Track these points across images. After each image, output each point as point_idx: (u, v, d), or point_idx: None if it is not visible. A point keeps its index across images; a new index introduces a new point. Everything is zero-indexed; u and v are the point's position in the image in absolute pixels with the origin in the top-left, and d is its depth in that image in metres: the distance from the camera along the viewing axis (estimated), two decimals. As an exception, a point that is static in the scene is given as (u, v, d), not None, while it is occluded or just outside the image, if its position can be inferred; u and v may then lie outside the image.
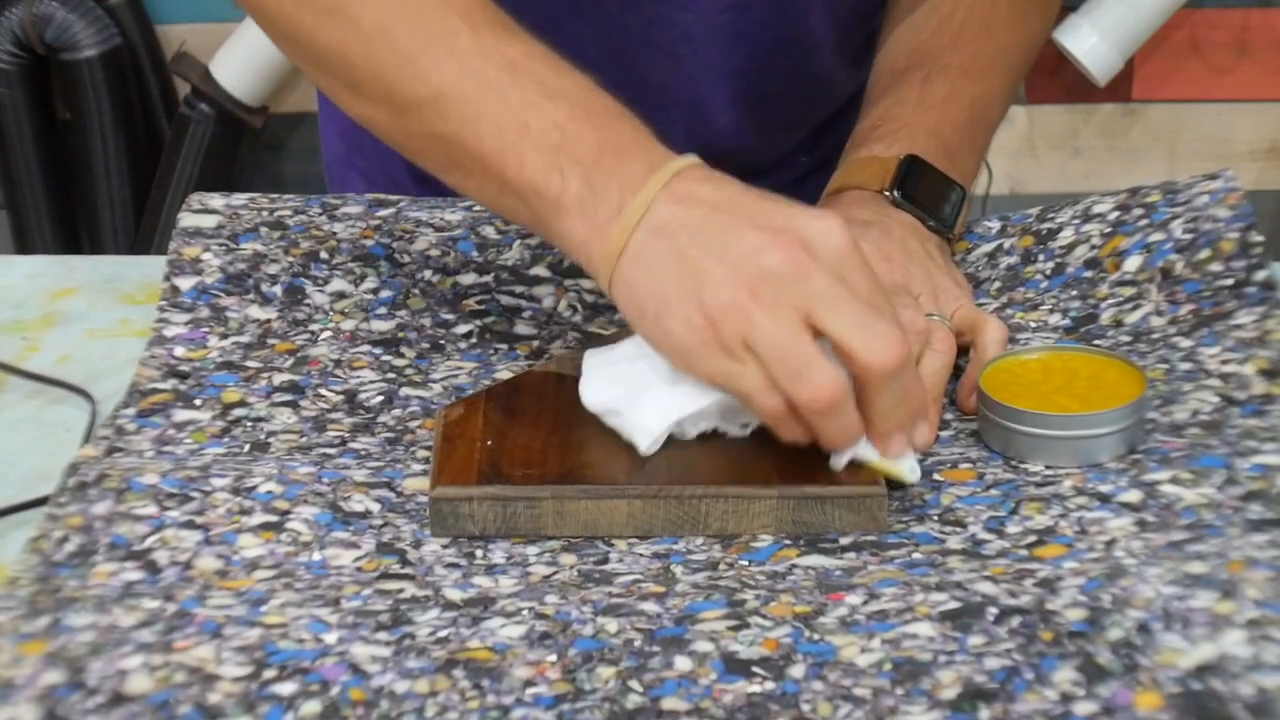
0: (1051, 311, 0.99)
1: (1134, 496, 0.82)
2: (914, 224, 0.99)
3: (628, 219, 0.81)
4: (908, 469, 0.83)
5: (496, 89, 0.85)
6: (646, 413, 0.83)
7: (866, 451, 0.82)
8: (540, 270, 1.02)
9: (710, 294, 0.78)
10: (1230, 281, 0.96)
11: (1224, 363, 0.91)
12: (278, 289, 1.00)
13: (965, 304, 0.95)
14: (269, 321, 0.98)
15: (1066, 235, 1.03)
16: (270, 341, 0.97)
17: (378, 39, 0.87)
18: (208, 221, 1.04)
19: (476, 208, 1.07)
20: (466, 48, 0.86)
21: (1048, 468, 0.85)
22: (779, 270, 0.78)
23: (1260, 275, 0.95)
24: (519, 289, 1.01)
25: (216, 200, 1.06)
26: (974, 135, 1.05)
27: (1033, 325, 0.99)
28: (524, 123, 0.84)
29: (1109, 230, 1.02)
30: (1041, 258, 1.03)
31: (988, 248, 1.05)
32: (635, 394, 0.84)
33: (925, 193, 0.99)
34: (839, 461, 0.82)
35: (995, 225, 1.07)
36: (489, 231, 1.04)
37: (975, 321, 0.94)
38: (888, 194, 0.99)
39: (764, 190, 0.83)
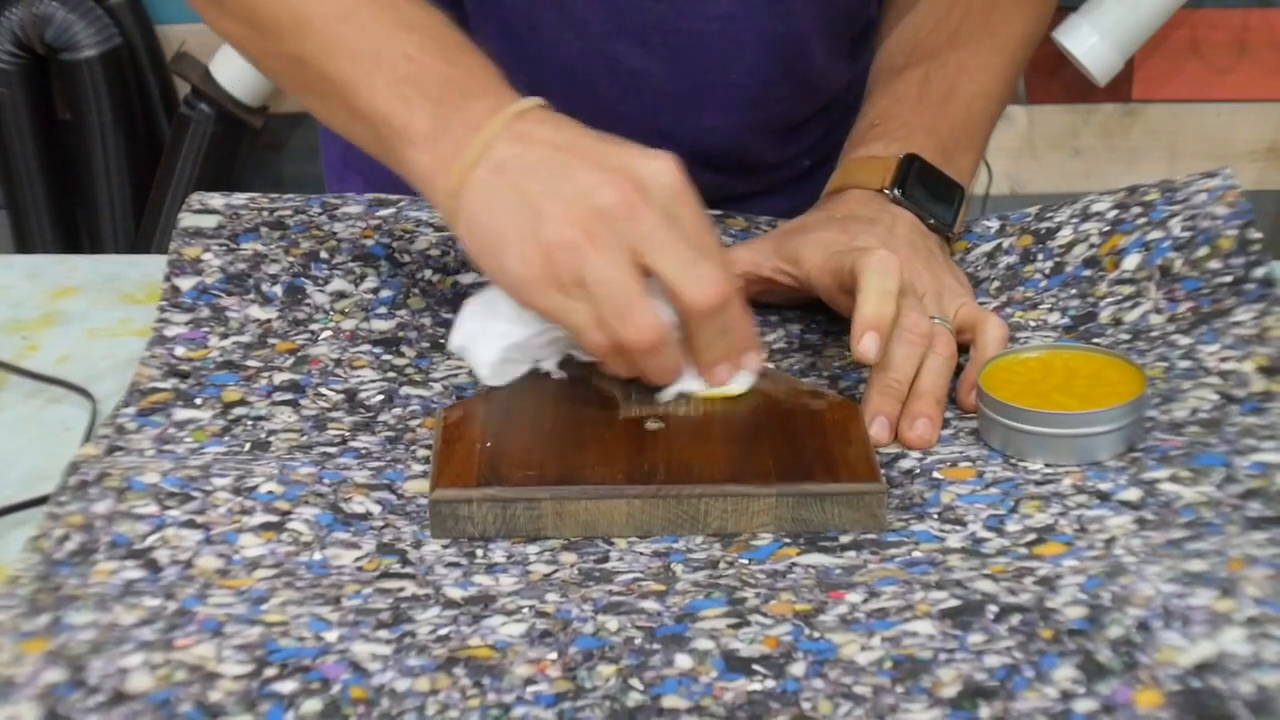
0: (1050, 310, 0.99)
1: (1133, 494, 0.82)
2: (915, 222, 0.99)
3: (469, 157, 0.83)
4: (734, 387, 0.87)
5: (354, 17, 0.88)
6: (486, 346, 0.87)
7: (692, 384, 0.86)
8: (540, 269, 1.02)
9: (546, 232, 0.81)
10: (1229, 278, 0.96)
11: (1223, 360, 0.91)
12: (278, 289, 1.00)
13: (967, 303, 0.96)
14: (269, 321, 0.98)
15: (1065, 234, 1.03)
16: (271, 341, 0.97)
17: None
18: (208, 222, 1.04)
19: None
20: None
21: (1047, 466, 0.85)
22: (612, 209, 0.80)
23: (1259, 272, 0.95)
24: (519, 288, 1.01)
25: (216, 200, 1.07)
26: (972, 133, 1.05)
27: (1032, 324, 0.99)
28: (376, 52, 0.87)
29: (1107, 229, 1.02)
30: (1040, 257, 1.03)
31: (986, 247, 1.05)
32: (481, 332, 0.87)
33: (925, 192, 1.00)
34: (665, 394, 0.86)
35: (994, 225, 1.07)
36: (489, 231, 1.04)
37: (976, 320, 0.94)
38: (888, 192, 0.99)
39: (603, 133, 0.85)
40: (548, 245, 0.81)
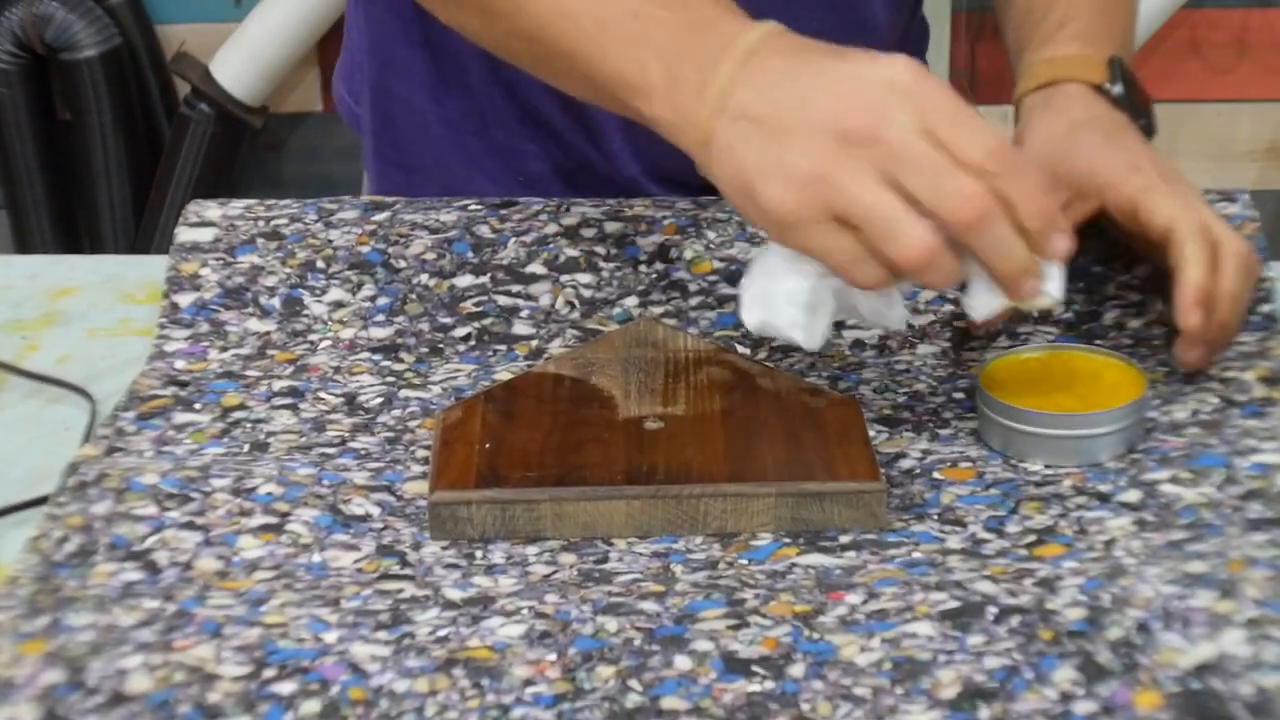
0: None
1: (1133, 496, 0.82)
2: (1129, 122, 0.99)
3: (709, 106, 0.81)
4: (1046, 300, 0.81)
5: None
6: (785, 309, 0.83)
7: (997, 300, 0.81)
8: (537, 268, 1.02)
9: (793, 167, 0.78)
10: None
11: (1224, 369, 0.91)
12: (276, 301, 1.00)
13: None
14: (268, 334, 0.98)
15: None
16: (270, 353, 0.97)
17: None
18: (204, 235, 1.04)
19: (471, 207, 1.07)
20: None
21: (1047, 467, 0.85)
22: (855, 134, 0.78)
23: (1265, 308, 0.96)
24: (516, 288, 1.01)
25: (213, 210, 1.06)
26: (1132, 39, 1.05)
27: (1034, 315, 0.98)
28: (601, 15, 0.85)
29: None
30: None
31: None
32: (769, 298, 0.84)
33: (1136, 93, 0.99)
34: (976, 313, 0.82)
35: None
36: (484, 231, 1.04)
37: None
38: (1109, 88, 0.98)
39: (837, 47, 0.83)
40: (795, 180, 0.78)
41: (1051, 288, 0.81)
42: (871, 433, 0.87)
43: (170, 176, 2.51)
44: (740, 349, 0.97)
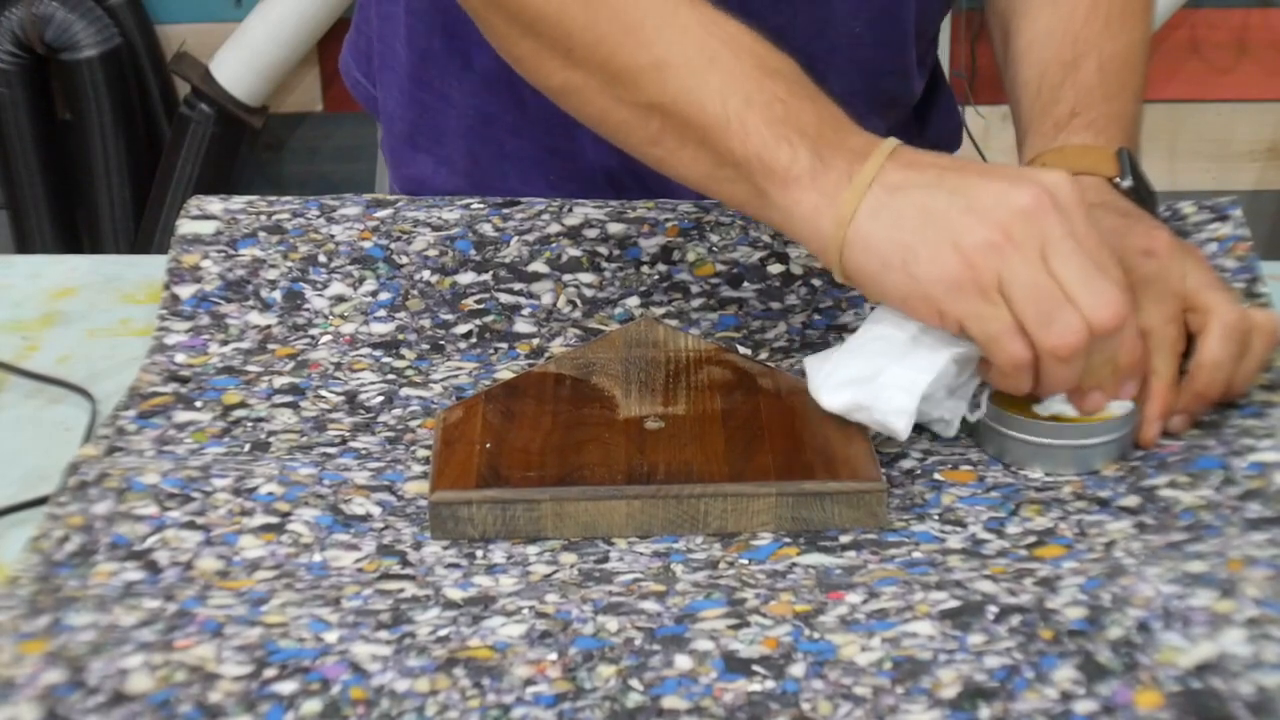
0: None
1: (1133, 501, 0.82)
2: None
3: (859, 183, 0.82)
4: (1116, 407, 0.85)
5: (719, 61, 0.85)
6: (892, 394, 0.84)
7: (1063, 405, 0.85)
8: (539, 266, 1.02)
9: (964, 236, 0.79)
10: None
11: None
12: (277, 294, 1.00)
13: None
14: (269, 327, 0.98)
15: None
16: (271, 347, 0.97)
17: (600, 5, 0.87)
18: (206, 228, 1.04)
19: (474, 206, 1.07)
20: (688, 20, 0.86)
21: (1045, 474, 0.85)
22: (1029, 211, 0.79)
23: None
24: (518, 286, 1.01)
25: (215, 205, 1.07)
26: (1138, 128, 1.05)
27: None
28: (748, 95, 0.85)
29: None
30: None
31: None
32: (873, 381, 0.84)
33: (1142, 185, 1.00)
34: (1045, 409, 0.84)
35: None
36: (487, 229, 1.04)
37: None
38: (1118, 182, 0.98)
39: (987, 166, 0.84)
40: (968, 248, 0.79)
41: (1117, 406, 0.85)
42: (872, 432, 0.87)
43: (170, 176, 2.51)
44: (741, 349, 0.97)
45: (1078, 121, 1.02)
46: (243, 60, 2.47)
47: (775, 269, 1.02)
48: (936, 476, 0.85)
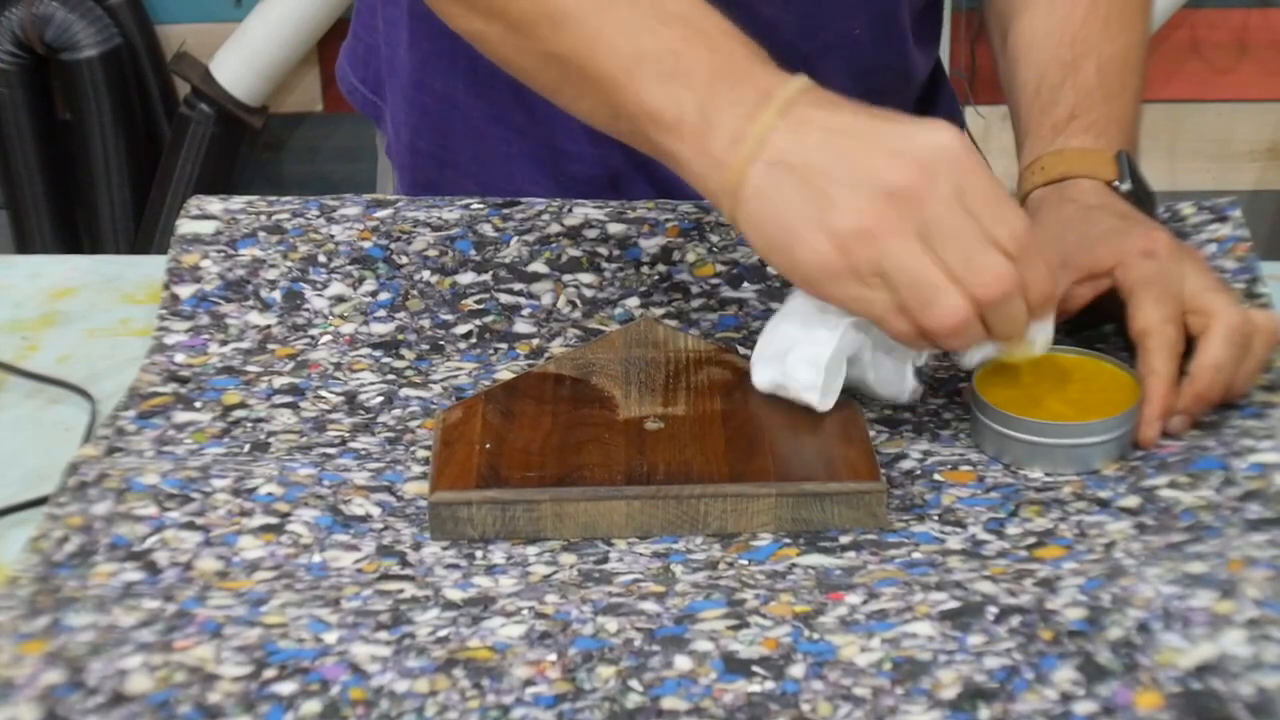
0: None
1: (1132, 501, 0.82)
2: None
3: (745, 152, 0.81)
4: (1034, 351, 0.85)
5: (613, 11, 0.85)
6: (800, 370, 0.85)
7: (989, 349, 0.85)
8: (539, 267, 1.02)
9: (837, 220, 0.79)
10: None
11: None
12: (277, 294, 1.00)
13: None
14: (269, 327, 0.98)
15: None
16: (270, 347, 0.97)
17: None
18: (206, 228, 1.04)
19: (474, 206, 1.07)
20: None
21: (1045, 474, 0.85)
22: (901, 193, 0.79)
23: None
24: (517, 286, 1.01)
25: (214, 205, 1.07)
26: (1138, 128, 1.05)
27: None
28: (640, 48, 0.84)
29: None
30: None
31: None
32: (785, 359, 0.85)
33: (1141, 187, 0.99)
34: (967, 360, 0.85)
35: None
36: (487, 229, 1.04)
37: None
38: (1118, 185, 0.98)
39: (874, 108, 0.83)
40: (840, 234, 0.79)
41: (1040, 342, 0.85)
42: (871, 433, 0.87)
43: (170, 176, 2.51)
44: (741, 350, 0.97)
45: (1076, 124, 1.02)
46: (243, 60, 2.47)
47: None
48: (936, 477, 0.85)
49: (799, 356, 0.85)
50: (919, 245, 0.79)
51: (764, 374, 0.87)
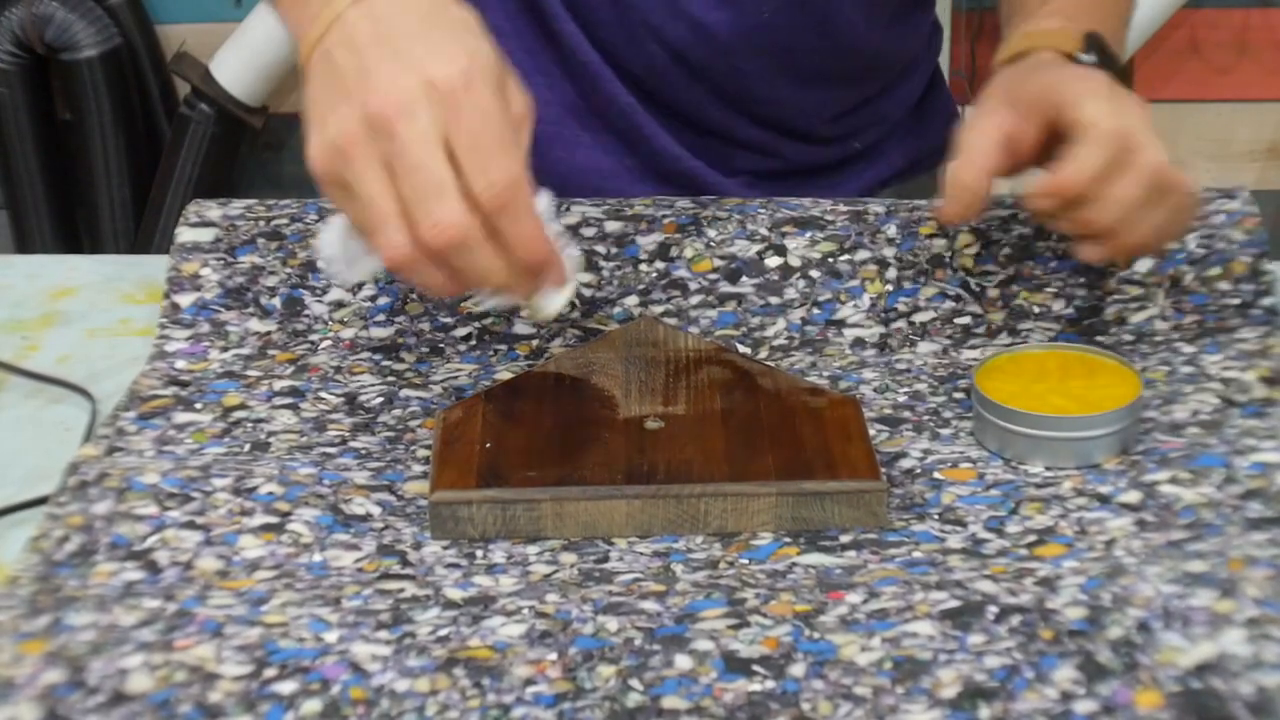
0: (1056, 297, 0.99)
1: (1133, 497, 0.82)
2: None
3: (315, 31, 0.83)
4: (550, 302, 0.84)
5: None
6: (327, 245, 0.86)
7: (497, 299, 0.86)
8: (540, 269, 1.02)
9: (326, 132, 0.79)
10: (1236, 301, 0.96)
11: (1225, 369, 0.91)
12: (277, 301, 1.00)
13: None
14: (269, 334, 0.99)
15: None
16: (271, 353, 0.97)
17: None
18: (205, 236, 1.04)
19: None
20: None
21: (1047, 469, 0.85)
22: (377, 121, 0.78)
23: (1266, 301, 0.96)
24: (519, 288, 1.01)
25: (214, 210, 1.07)
26: (1121, 32, 1.05)
27: (1035, 310, 0.98)
28: None
29: None
30: (1055, 235, 1.03)
31: (1002, 212, 1.05)
32: (323, 237, 0.86)
33: (1111, 65, 0.99)
34: (481, 303, 0.85)
35: (1009, 199, 1.07)
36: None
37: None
38: (1082, 57, 0.98)
39: (455, 14, 0.83)
40: (326, 143, 0.79)
41: (549, 306, 0.83)
42: (871, 432, 0.87)
43: (170, 176, 2.51)
44: (740, 348, 0.97)
45: (1048, 8, 1.03)
46: (243, 60, 2.47)
47: (773, 261, 1.02)
48: (936, 475, 0.85)
49: (330, 231, 0.86)
50: (383, 173, 0.78)
51: (322, 251, 0.87)
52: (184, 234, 1.05)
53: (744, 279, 1.01)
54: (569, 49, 1.12)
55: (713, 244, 1.03)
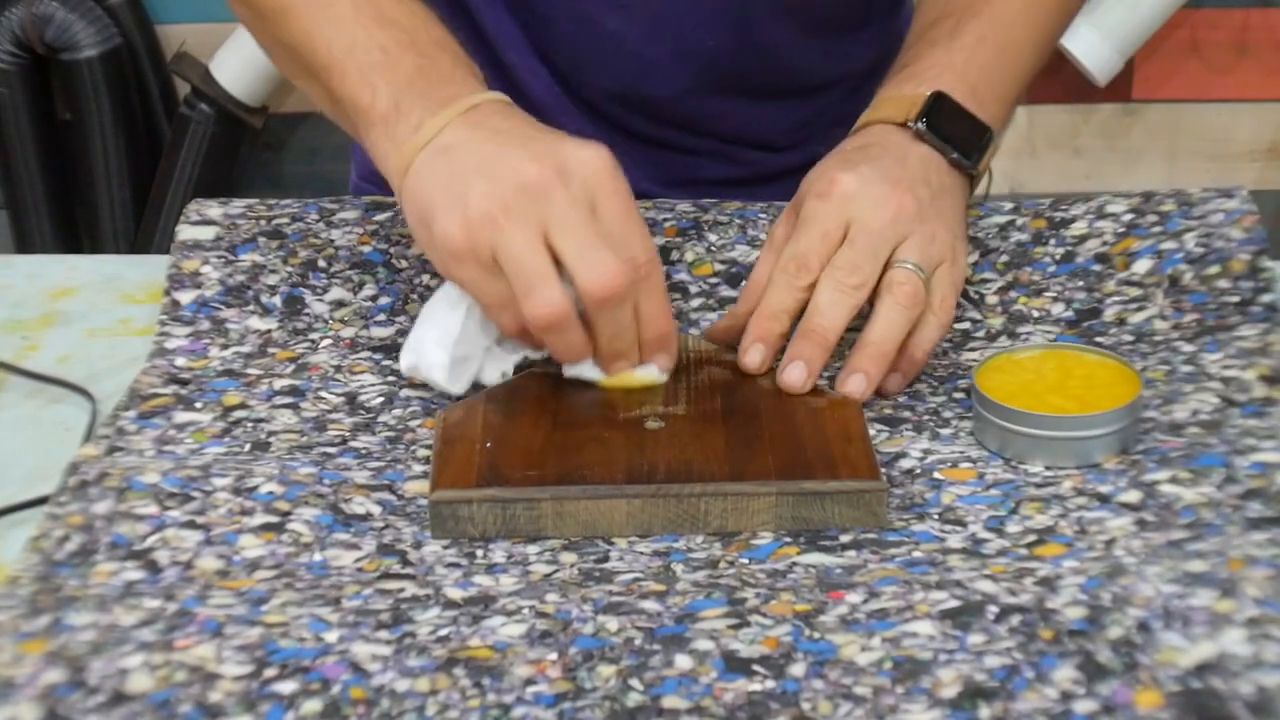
0: (1055, 300, 0.99)
1: (1133, 496, 0.82)
2: (935, 158, 0.97)
3: (421, 138, 0.87)
4: (641, 375, 0.89)
5: (335, 8, 0.94)
6: (430, 351, 0.88)
7: (593, 371, 0.88)
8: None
9: (470, 204, 0.84)
10: (1236, 299, 0.96)
11: (1225, 368, 0.91)
12: (277, 299, 1.00)
13: (944, 265, 0.93)
14: (269, 332, 0.99)
15: (1079, 227, 1.03)
16: (271, 351, 0.97)
17: None
18: (206, 234, 1.04)
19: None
20: None
21: (1047, 468, 0.85)
22: (532, 187, 0.83)
23: (1266, 298, 0.96)
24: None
25: (214, 209, 1.07)
26: (1003, 79, 1.04)
27: (1035, 315, 0.99)
28: (353, 41, 0.92)
29: (1122, 230, 1.02)
30: (1052, 241, 1.03)
31: (1000, 219, 1.05)
32: (422, 343, 0.89)
33: (949, 128, 0.99)
34: (568, 371, 0.88)
35: (1008, 205, 1.07)
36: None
37: (930, 297, 0.92)
38: (911, 125, 0.98)
39: (555, 130, 0.88)
40: (469, 217, 0.83)
41: (641, 374, 0.89)
42: (871, 432, 0.87)
43: (170, 176, 2.51)
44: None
45: (905, 74, 1.02)
46: (243, 60, 2.47)
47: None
48: (936, 475, 0.85)
49: (432, 338, 0.88)
50: (537, 237, 0.83)
51: (406, 358, 0.90)
52: (185, 231, 1.05)
53: (744, 283, 1.01)
54: (516, 77, 1.13)
55: (714, 248, 1.03)
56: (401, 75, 0.90)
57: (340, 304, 1.01)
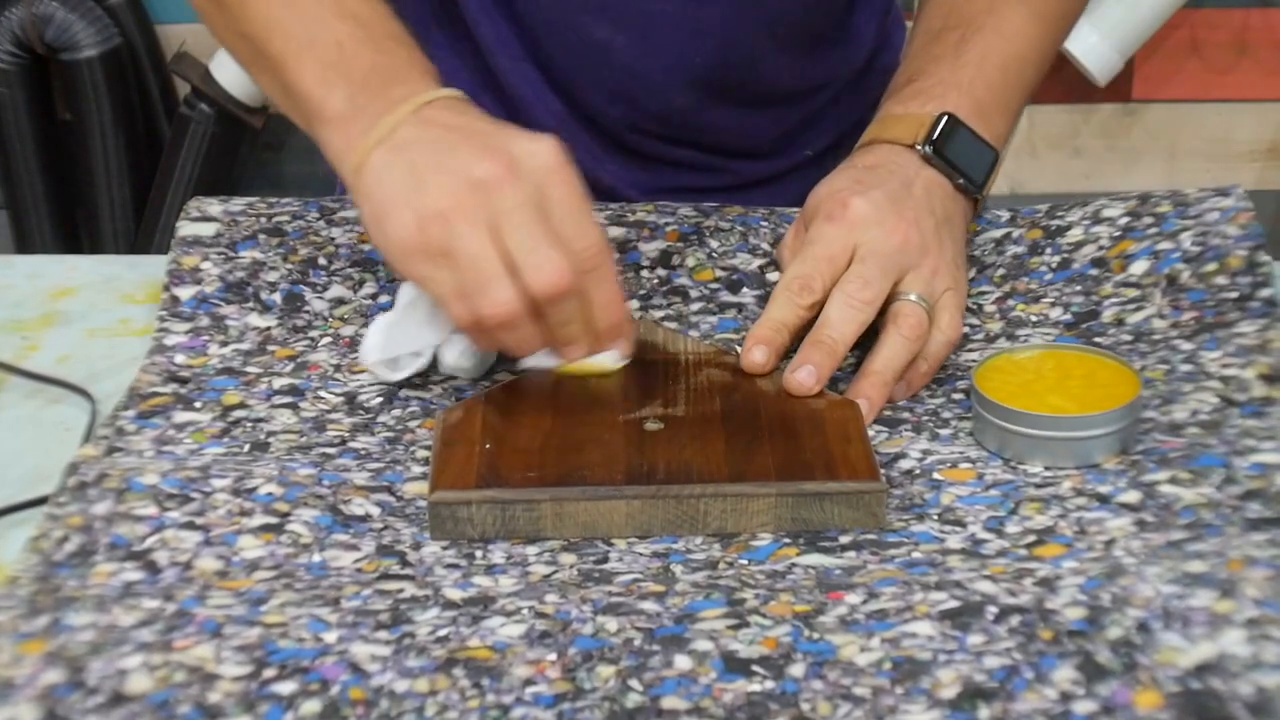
0: (1053, 305, 0.99)
1: (1133, 497, 0.82)
2: (940, 182, 0.98)
3: (375, 136, 0.87)
4: (597, 362, 0.89)
5: (296, 2, 0.93)
6: (369, 336, 0.91)
7: (548, 359, 0.89)
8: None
9: (422, 200, 0.84)
10: (1234, 295, 0.96)
11: (1224, 366, 0.91)
12: (277, 296, 1.00)
13: (948, 295, 0.95)
14: (269, 329, 0.99)
15: (1075, 234, 1.03)
16: (270, 348, 0.97)
17: None
18: (206, 230, 1.04)
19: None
20: None
21: (1046, 469, 0.85)
22: (482, 181, 0.83)
23: (1265, 292, 0.96)
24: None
25: (215, 206, 1.07)
26: (1007, 95, 1.04)
27: (1033, 319, 0.99)
28: (312, 36, 0.92)
29: (1118, 234, 1.02)
30: (1048, 251, 1.03)
31: (996, 234, 1.06)
32: (371, 338, 0.92)
33: (957, 151, 0.99)
34: (524, 363, 0.89)
35: (1004, 215, 1.07)
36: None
37: (936, 316, 0.94)
38: (919, 148, 0.98)
39: (507, 125, 0.88)
40: (421, 213, 0.84)
41: (598, 360, 0.89)
42: (871, 433, 0.87)
43: (170, 176, 2.51)
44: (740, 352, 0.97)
45: (910, 89, 1.03)
46: (243, 60, 2.47)
47: (774, 276, 1.02)
48: (936, 476, 0.85)
49: (375, 326, 0.91)
50: (487, 233, 0.83)
51: (366, 357, 0.92)
52: (185, 228, 1.05)
53: (745, 290, 1.01)
54: (508, 83, 1.13)
55: (715, 255, 1.04)
56: (357, 73, 0.90)
57: (340, 301, 1.01)
